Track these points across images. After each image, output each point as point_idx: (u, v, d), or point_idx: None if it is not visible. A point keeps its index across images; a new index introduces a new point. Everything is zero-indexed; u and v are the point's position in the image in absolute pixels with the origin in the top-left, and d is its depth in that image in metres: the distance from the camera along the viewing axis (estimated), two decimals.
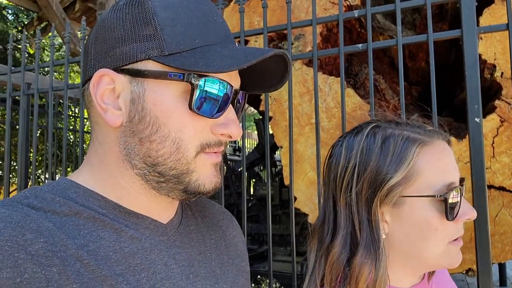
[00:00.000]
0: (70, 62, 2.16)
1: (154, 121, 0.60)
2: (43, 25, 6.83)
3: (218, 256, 0.74)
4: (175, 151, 0.60)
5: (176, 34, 0.60)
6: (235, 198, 3.91)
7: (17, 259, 0.50)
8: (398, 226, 0.81)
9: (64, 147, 2.16)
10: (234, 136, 0.64)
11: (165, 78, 0.59)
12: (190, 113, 0.60)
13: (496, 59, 2.32)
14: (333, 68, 2.83)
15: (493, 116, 2.23)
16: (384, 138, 0.81)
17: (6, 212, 0.55)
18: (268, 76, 0.70)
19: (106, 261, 0.57)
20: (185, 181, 0.62)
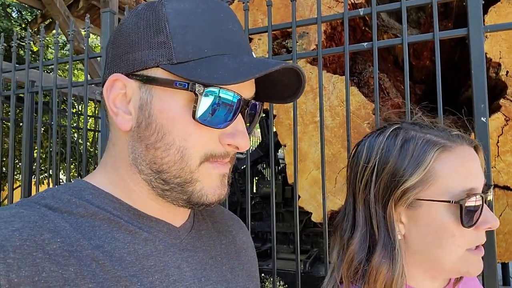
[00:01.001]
0: (74, 60, 2.16)
1: (159, 129, 0.60)
2: (46, 22, 6.84)
3: (228, 261, 0.74)
4: (179, 159, 0.60)
5: (185, 43, 0.60)
6: (239, 196, 3.92)
7: (35, 258, 0.52)
8: (414, 228, 0.80)
9: (68, 145, 2.16)
10: (241, 147, 0.63)
11: (172, 86, 0.60)
12: (195, 122, 0.59)
13: (502, 58, 2.31)
14: (337, 66, 2.82)
15: (498, 115, 2.22)
16: (405, 140, 0.81)
17: (24, 212, 0.56)
18: (282, 87, 0.69)
19: (121, 262, 0.58)
20: (189, 191, 0.62)
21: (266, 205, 3.88)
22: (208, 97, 0.59)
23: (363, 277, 0.80)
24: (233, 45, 0.63)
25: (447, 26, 2.65)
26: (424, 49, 2.80)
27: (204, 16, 0.62)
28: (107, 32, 2.05)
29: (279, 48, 2.79)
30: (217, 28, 0.62)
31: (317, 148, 2.43)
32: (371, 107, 2.43)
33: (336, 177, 2.39)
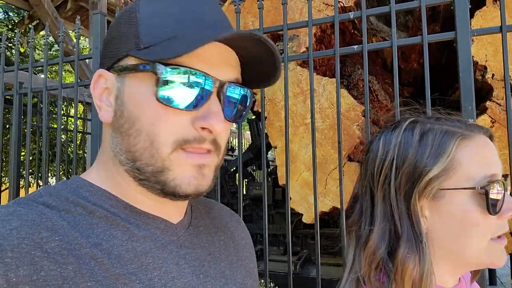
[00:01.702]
0: (64, 62, 2.15)
1: (129, 115, 0.61)
2: (34, 23, 6.78)
3: (227, 257, 0.74)
4: (149, 146, 0.59)
5: (151, 27, 0.60)
6: (229, 198, 3.92)
7: (34, 256, 0.51)
8: (438, 221, 0.79)
9: (58, 147, 2.15)
10: (214, 129, 0.59)
11: (137, 71, 0.60)
12: (163, 106, 0.58)
13: (487, 61, 2.36)
14: (327, 69, 2.85)
15: (484, 117, 2.26)
16: (423, 132, 0.81)
17: (22, 210, 0.56)
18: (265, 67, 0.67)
19: (119, 259, 0.58)
20: (162, 181, 0.60)
21: (256, 207, 3.89)
22: (170, 76, 0.58)
23: (388, 276, 0.78)
24: (204, 24, 0.62)
25: (435, 29, 2.70)
26: (412, 52, 2.85)
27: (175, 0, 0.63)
28: (98, 34, 2.05)
29: None
30: (187, 9, 0.61)
31: (308, 150, 2.45)
32: (361, 109, 2.45)
33: (326, 179, 2.41)
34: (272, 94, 2.56)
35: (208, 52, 0.60)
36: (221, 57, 0.62)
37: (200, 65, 0.59)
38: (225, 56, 0.63)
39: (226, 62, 0.62)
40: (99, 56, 2.07)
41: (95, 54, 2.05)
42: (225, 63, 0.62)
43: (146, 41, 0.59)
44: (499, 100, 2.31)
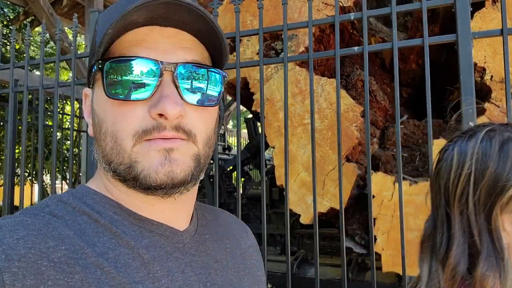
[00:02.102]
0: (61, 60, 2.13)
1: (98, 121, 0.62)
2: (29, 19, 6.72)
3: (234, 265, 0.73)
4: (114, 144, 0.59)
5: (102, 32, 0.59)
6: (226, 197, 3.91)
7: (40, 266, 0.51)
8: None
9: (54, 145, 2.12)
10: (167, 113, 0.56)
11: (94, 75, 0.62)
12: (118, 102, 0.58)
13: (486, 62, 2.36)
14: (325, 69, 2.83)
15: (482, 119, 2.26)
16: (502, 142, 0.77)
17: (29, 220, 0.56)
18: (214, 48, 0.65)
19: (126, 268, 0.57)
20: (135, 176, 0.59)
21: (253, 207, 3.88)
22: (114, 70, 0.58)
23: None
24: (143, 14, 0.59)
25: (434, 30, 2.69)
26: (411, 53, 2.84)
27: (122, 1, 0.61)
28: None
29: (267, 50, 2.79)
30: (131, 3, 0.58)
31: (306, 150, 2.44)
32: (359, 110, 2.45)
33: (324, 179, 2.41)
34: (270, 94, 2.55)
35: (154, 38, 0.60)
36: (170, 41, 0.61)
37: (145, 52, 0.59)
38: (175, 39, 0.61)
39: (176, 45, 0.61)
40: None
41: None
42: (175, 46, 0.61)
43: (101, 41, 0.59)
44: (498, 102, 2.31)
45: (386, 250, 2.28)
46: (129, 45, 0.60)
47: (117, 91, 0.58)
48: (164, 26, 0.61)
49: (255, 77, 2.56)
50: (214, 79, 0.64)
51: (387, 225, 2.28)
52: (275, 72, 2.58)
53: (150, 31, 0.60)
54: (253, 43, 2.68)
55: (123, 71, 0.58)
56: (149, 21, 0.59)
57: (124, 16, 0.55)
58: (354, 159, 2.52)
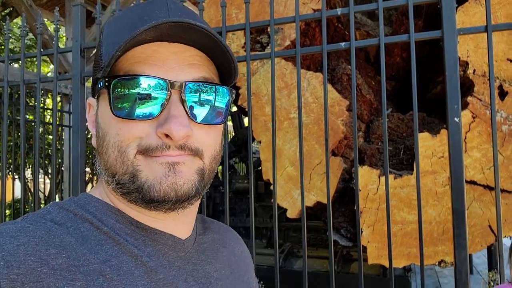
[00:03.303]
0: (43, 54, 2.08)
1: (102, 133, 0.62)
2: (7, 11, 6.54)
3: (231, 273, 0.73)
4: (118, 154, 0.59)
5: (108, 46, 0.59)
6: (211, 191, 3.90)
7: (40, 273, 0.50)
8: None
9: (37, 141, 2.08)
10: (173, 135, 0.56)
11: (101, 90, 0.61)
12: (126, 119, 0.58)
13: (469, 57, 2.39)
14: (311, 62, 2.84)
15: (465, 112, 2.29)
16: None
17: (30, 227, 0.55)
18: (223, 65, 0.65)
19: (129, 276, 0.56)
20: (138, 186, 0.58)
21: (238, 200, 3.88)
22: (120, 88, 0.57)
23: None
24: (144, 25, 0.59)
25: (418, 24, 2.72)
26: (395, 47, 2.86)
27: (131, 15, 0.61)
28: (78, 26, 1.99)
29: (253, 43, 2.78)
30: (140, 19, 0.59)
31: (292, 145, 2.45)
32: (345, 104, 2.46)
33: (311, 174, 2.42)
34: (256, 88, 2.54)
35: (162, 55, 0.59)
36: (178, 58, 0.60)
37: (153, 70, 0.58)
38: (184, 56, 0.60)
39: (184, 62, 0.60)
40: (79, 49, 2.01)
41: (75, 46, 1.99)
42: (183, 63, 0.60)
43: (105, 60, 0.59)
44: (480, 96, 2.35)
45: (372, 242, 2.32)
46: (136, 61, 0.58)
47: (124, 109, 0.57)
48: (172, 42, 0.60)
49: (241, 71, 2.55)
50: (221, 95, 0.63)
51: (373, 218, 2.31)
52: (261, 66, 2.57)
53: (158, 47, 0.59)
54: (238, 37, 2.66)
55: (129, 89, 0.57)
56: (157, 38, 0.58)
57: (133, 38, 0.54)
58: (339, 153, 2.54)
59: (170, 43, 0.60)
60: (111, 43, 0.59)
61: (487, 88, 2.31)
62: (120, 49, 0.54)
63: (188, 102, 0.59)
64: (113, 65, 0.59)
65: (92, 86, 0.66)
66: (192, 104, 0.59)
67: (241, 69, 2.58)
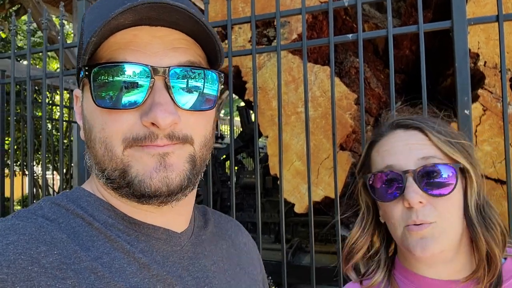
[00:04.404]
0: (48, 50, 2.08)
1: (88, 126, 0.60)
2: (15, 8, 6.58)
3: (230, 266, 0.72)
4: (105, 150, 0.57)
5: (89, 33, 0.56)
6: (219, 186, 3.90)
7: (31, 272, 0.49)
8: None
9: (44, 136, 2.09)
10: (159, 123, 0.54)
11: (82, 80, 0.59)
12: (109, 110, 0.56)
13: (480, 48, 2.34)
14: (318, 55, 2.80)
15: (476, 105, 2.25)
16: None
17: (20, 224, 0.54)
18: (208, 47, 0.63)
19: (121, 273, 0.55)
20: (129, 182, 0.56)
21: (246, 195, 3.87)
22: (101, 76, 0.55)
23: None
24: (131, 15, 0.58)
25: (427, 16, 2.67)
26: (404, 39, 2.82)
27: (109, 1, 0.58)
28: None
29: (260, 37, 2.75)
30: (120, 4, 0.55)
31: (299, 139, 2.42)
32: (353, 98, 2.43)
33: (318, 168, 2.40)
34: (263, 82, 2.52)
35: (143, 40, 0.56)
36: (162, 42, 0.57)
37: (135, 56, 0.55)
38: (168, 40, 0.58)
39: (168, 46, 0.58)
40: None
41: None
42: (167, 47, 0.57)
43: (85, 48, 0.56)
44: (491, 88, 2.31)
45: None
46: (117, 48, 0.56)
47: (106, 98, 0.55)
48: (154, 26, 0.57)
49: (248, 66, 2.53)
50: (210, 80, 0.61)
51: None
52: (267, 60, 2.55)
53: (139, 31, 0.57)
54: (245, 31, 2.63)
55: (111, 77, 0.55)
56: (137, 22, 0.56)
57: (108, 22, 0.52)
58: (348, 147, 2.51)
59: (152, 26, 0.57)
60: (91, 30, 0.56)
61: (498, 81, 2.26)
62: (95, 34, 0.52)
63: (174, 88, 0.56)
64: (93, 53, 0.56)
65: (77, 77, 0.63)
66: (178, 90, 0.57)
67: (248, 63, 2.56)
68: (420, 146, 0.82)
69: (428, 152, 0.81)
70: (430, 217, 0.79)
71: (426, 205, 0.80)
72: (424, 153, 0.81)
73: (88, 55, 0.55)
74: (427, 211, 0.79)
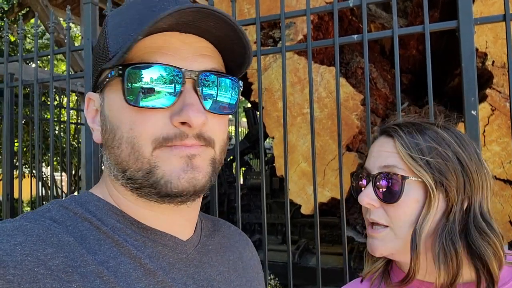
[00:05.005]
0: (55, 53, 2.10)
1: (111, 127, 0.60)
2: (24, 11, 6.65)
3: (236, 278, 0.72)
4: (131, 151, 0.58)
5: (117, 36, 0.59)
6: (226, 187, 3.90)
7: (37, 274, 0.50)
8: None
9: (51, 139, 2.10)
10: (191, 122, 0.56)
11: (110, 80, 0.59)
12: (139, 109, 0.57)
13: (488, 47, 2.32)
14: (324, 56, 2.79)
15: (484, 105, 2.23)
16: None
17: (28, 225, 0.55)
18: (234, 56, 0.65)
19: (126, 278, 0.56)
20: (154, 182, 0.57)
21: (253, 197, 3.87)
22: (135, 76, 0.56)
23: None
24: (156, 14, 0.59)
25: (434, 16, 2.65)
26: (411, 39, 2.80)
27: (137, 7, 0.61)
28: (89, 24, 1.99)
29: (265, 38, 2.75)
30: (149, 11, 0.59)
31: (306, 140, 2.42)
32: (359, 98, 2.42)
33: (325, 169, 2.39)
34: (269, 83, 2.52)
35: (174, 45, 0.58)
36: (191, 48, 0.60)
37: (167, 59, 0.57)
38: (196, 47, 0.60)
39: (197, 52, 0.60)
40: (90, 47, 2.02)
41: (86, 45, 1.99)
42: (196, 53, 0.60)
43: (113, 50, 0.58)
44: (499, 87, 2.28)
45: None
46: (148, 51, 0.58)
47: (138, 98, 0.56)
48: (184, 33, 0.59)
49: (253, 67, 2.53)
50: (231, 86, 0.64)
51: None
52: (273, 61, 2.55)
53: (170, 37, 0.59)
54: (250, 32, 2.63)
55: (145, 78, 0.56)
56: (170, 27, 0.58)
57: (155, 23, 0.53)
58: (354, 148, 2.50)
59: (181, 33, 0.59)
60: (120, 33, 0.58)
61: (506, 80, 2.24)
62: (141, 32, 0.53)
63: (202, 92, 0.59)
64: (120, 56, 0.57)
65: (95, 78, 0.64)
66: (205, 94, 0.60)
67: (253, 65, 2.56)
68: (387, 154, 0.87)
69: (390, 161, 0.86)
70: (381, 219, 0.86)
71: (380, 209, 0.86)
72: (387, 162, 0.86)
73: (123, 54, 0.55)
74: (377, 214, 0.86)
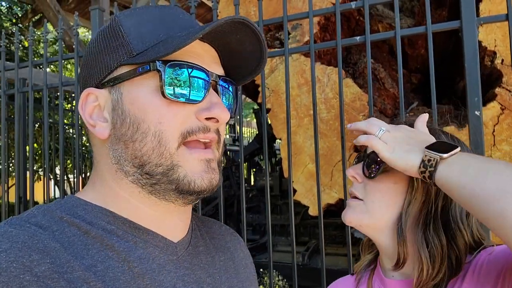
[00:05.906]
0: (64, 59, 2.13)
1: (133, 120, 0.61)
2: (37, 17, 6.76)
3: (227, 279, 0.72)
4: (157, 144, 0.60)
5: (141, 35, 0.62)
6: (235, 189, 3.91)
7: (23, 281, 0.50)
8: None
9: (61, 142, 2.14)
10: (220, 118, 0.62)
11: (136, 75, 0.61)
12: (167, 102, 0.60)
13: (497, 46, 2.29)
14: (332, 57, 2.79)
15: (493, 104, 2.20)
16: None
17: (13, 231, 0.55)
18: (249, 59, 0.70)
19: (115, 282, 0.56)
20: (174, 179, 0.60)
21: (263, 198, 3.87)
22: (172, 72, 0.60)
23: None
24: (188, 27, 0.65)
25: (442, 15, 2.62)
26: (419, 38, 2.78)
27: (154, 12, 0.66)
28: (96, 30, 2.02)
29: (272, 40, 2.76)
30: (169, 17, 0.65)
31: (313, 142, 2.41)
32: (366, 99, 2.41)
33: (332, 170, 2.38)
34: (275, 85, 2.52)
35: (198, 51, 0.63)
36: (209, 55, 0.66)
37: (196, 61, 0.62)
38: (212, 54, 0.67)
39: (213, 60, 0.66)
40: None
41: None
42: (213, 60, 0.66)
43: (139, 48, 0.61)
44: (509, 86, 2.25)
45: None
46: (179, 53, 0.61)
47: (175, 92, 0.60)
48: (202, 41, 0.65)
49: None
50: (235, 91, 0.71)
51: None
52: (280, 63, 2.55)
53: (191, 44, 0.61)
54: None
55: (183, 75, 0.61)
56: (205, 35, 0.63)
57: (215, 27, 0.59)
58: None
59: (199, 41, 0.65)
60: (144, 33, 0.62)
61: None
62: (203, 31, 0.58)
63: (221, 93, 0.66)
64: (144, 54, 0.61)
65: (99, 76, 0.65)
66: (222, 95, 0.66)
67: None
68: None
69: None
70: (358, 192, 0.89)
71: (361, 184, 0.89)
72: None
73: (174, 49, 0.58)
74: (357, 187, 0.90)
